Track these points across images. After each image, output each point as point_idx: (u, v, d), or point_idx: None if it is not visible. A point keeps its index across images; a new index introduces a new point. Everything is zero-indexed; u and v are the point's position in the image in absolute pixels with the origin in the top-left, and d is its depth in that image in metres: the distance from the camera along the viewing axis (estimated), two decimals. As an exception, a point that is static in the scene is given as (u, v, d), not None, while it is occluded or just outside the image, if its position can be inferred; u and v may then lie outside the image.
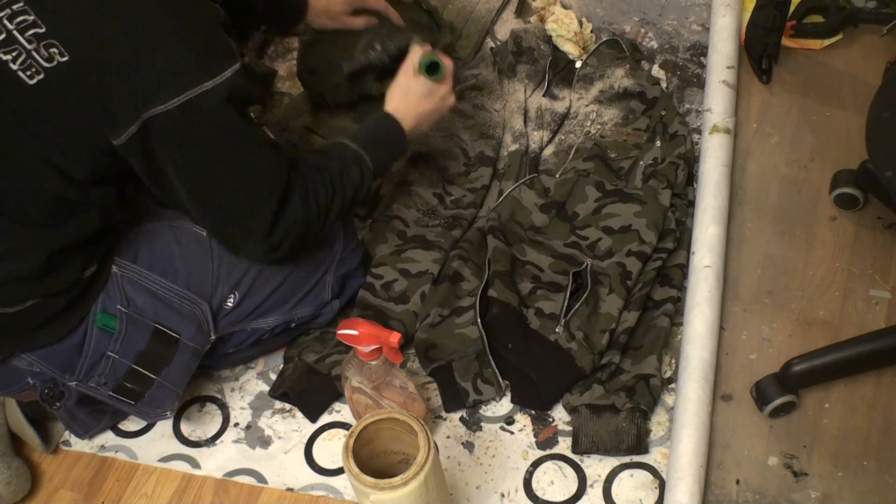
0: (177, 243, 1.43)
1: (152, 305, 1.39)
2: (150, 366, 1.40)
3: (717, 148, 1.72)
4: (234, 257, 1.42)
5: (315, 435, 1.53)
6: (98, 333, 1.36)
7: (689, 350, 1.48)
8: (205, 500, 1.48)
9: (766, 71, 1.89)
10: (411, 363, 1.59)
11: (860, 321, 1.54)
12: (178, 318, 1.41)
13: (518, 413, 1.51)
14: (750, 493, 1.39)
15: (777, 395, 1.43)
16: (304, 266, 1.51)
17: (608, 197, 1.66)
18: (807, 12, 1.95)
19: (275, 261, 1.41)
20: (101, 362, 1.37)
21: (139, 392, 1.42)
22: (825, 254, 1.63)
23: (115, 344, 1.37)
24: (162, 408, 1.45)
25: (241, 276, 1.46)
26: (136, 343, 1.38)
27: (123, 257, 1.38)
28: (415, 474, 1.19)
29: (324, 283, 1.54)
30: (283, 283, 1.50)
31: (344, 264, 1.56)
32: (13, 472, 1.47)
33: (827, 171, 1.72)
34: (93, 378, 1.38)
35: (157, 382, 1.42)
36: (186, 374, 1.46)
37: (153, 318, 1.39)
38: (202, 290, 1.43)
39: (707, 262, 1.56)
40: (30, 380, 1.39)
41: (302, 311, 1.54)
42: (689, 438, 1.37)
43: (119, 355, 1.38)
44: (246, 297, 1.47)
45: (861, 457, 1.41)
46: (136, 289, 1.38)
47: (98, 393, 1.40)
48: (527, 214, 1.67)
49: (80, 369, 1.37)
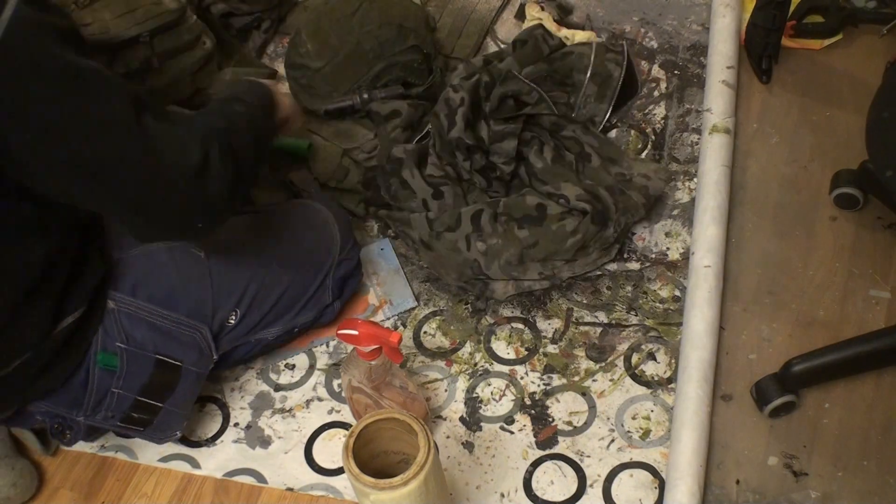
0: (175, 268, 1.40)
1: (152, 338, 1.37)
2: (155, 395, 1.40)
3: (717, 148, 1.72)
4: (233, 275, 1.41)
5: (315, 435, 1.53)
6: (100, 372, 1.35)
7: (689, 350, 1.48)
8: (205, 500, 1.48)
9: (766, 71, 1.89)
10: (411, 363, 1.59)
11: (860, 321, 1.54)
12: (179, 346, 1.40)
13: (518, 413, 1.51)
14: (750, 493, 1.39)
15: (777, 395, 1.43)
16: (303, 274, 1.51)
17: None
18: (807, 12, 1.95)
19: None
20: (107, 398, 1.37)
21: (147, 420, 1.42)
22: (825, 254, 1.63)
23: (118, 381, 1.36)
24: (171, 430, 1.46)
25: (242, 293, 1.45)
26: (139, 377, 1.37)
27: (120, 290, 1.35)
28: (415, 474, 1.19)
29: (325, 288, 1.55)
30: (284, 294, 1.49)
31: (342, 266, 1.57)
32: (18, 473, 1.47)
33: (827, 171, 1.72)
34: (100, 412, 1.38)
35: (164, 409, 1.42)
36: (192, 397, 1.46)
37: (153, 350, 1.38)
38: (202, 315, 1.42)
39: (707, 263, 1.56)
40: (38, 417, 1.39)
41: (304, 317, 1.54)
42: (689, 438, 1.38)
43: (123, 390, 1.37)
44: (248, 314, 1.47)
45: (861, 457, 1.41)
46: (135, 322, 1.36)
47: (106, 425, 1.41)
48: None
49: (86, 406, 1.37)
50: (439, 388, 1.56)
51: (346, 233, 1.60)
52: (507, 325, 1.62)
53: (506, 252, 1.57)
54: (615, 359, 1.56)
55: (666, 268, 1.65)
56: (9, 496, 1.46)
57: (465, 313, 1.65)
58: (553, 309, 1.63)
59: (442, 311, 1.66)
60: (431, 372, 1.58)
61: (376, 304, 1.67)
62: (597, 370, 1.55)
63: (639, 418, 1.49)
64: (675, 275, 1.64)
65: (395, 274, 1.70)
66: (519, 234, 1.57)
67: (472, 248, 1.58)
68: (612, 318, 1.61)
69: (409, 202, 1.66)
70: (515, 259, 1.57)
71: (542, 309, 1.63)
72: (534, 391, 1.54)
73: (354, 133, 1.82)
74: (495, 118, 1.73)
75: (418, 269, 1.71)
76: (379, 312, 1.66)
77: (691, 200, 1.72)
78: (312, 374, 1.61)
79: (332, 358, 1.62)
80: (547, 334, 1.60)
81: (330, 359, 1.62)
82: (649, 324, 1.59)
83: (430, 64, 1.86)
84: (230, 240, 1.47)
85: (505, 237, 1.57)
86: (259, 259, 1.48)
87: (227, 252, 1.46)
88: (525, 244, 1.56)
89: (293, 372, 1.61)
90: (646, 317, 1.60)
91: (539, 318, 1.62)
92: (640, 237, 1.70)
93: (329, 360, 1.62)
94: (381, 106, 1.78)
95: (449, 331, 1.63)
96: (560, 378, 1.55)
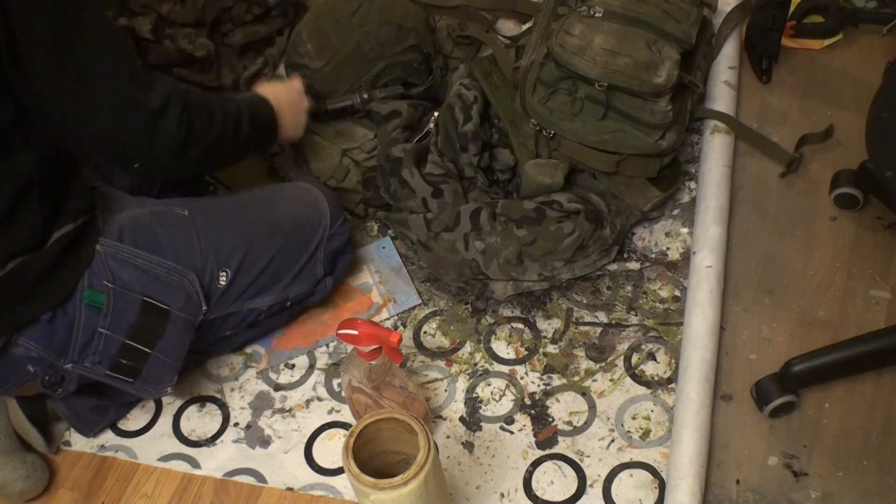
0: (159, 222, 1.45)
1: (139, 279, 1.40)
2: (144, 340, 1.41)
3: (718, 148, 1.72)
4: (219, 233, 1.47)
5: (315, 435, 1.53)
6: (86, 310, 1.37)
7: (689, 350, 1.48)
8: (205, 500, 1.48)
9: (766, 71, 1.89)
10: (411, 363, 1.59)
11: (860, 321, 1.54)
12: (166, 290, 1.42)
13: (518, 413, 1.51)
14: (750, 493, 1.39)
15: (777, 395, 1.43)
16: (293, 243, 1.55)
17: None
18: (807, 12, 1.94)
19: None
20: (94, 340, 1.38)
21: (136, 368, 1.42)
22: (825, 254, 1.63)
23: (105, 320, 1.38)
24: (162, 383, 1.46)
25: (230, 252, 1.48)
26: (125, 317, 1.39)
27: (107, 236, 1.40)
28: (415, 474, 1.19)
29: (315, 260, 1.57)
30: (274, 260, 1.52)
31: (333, 241, 1.60)
32: (29, 466, 1.48)
33: (827, 171, 1.72)
34: (87, 357, 1.39)
35: (153, 356, 1.43)
36: (182, 347, 1.47)
37: (140, 291, 1.40)
38: (189, 263, 1.45)
39: (708, 263, 1.56)
40: (30, 367, 1.39)
41: (296, 289, 1.56)
42: (690, 438, 1.38)
43: (110, 331, 1.38)
44: (237, 276, 1.49)
45: (861, 457, 1.41)
46: (122, 265, 1.39)
47: (95, 373, 1.41)
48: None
49: (73, 349, 1.38)
50: (439, 388, 1.56)
51: (336, 208, 1.63)
52: (507, 325, 1.62)
53: (504, 250, 1.57)
54: (615, 359, 1.56)
55: (666, 268, 1.65)
56: (23, 490, 1.47)
57: (465, 313, 1.65)
58: (553, 309, 1.63)
59: (442, 311, 1.66)
60: (431, 372, 1.58)
61: (380, 302, 1.67)
62: (597, 370, 1.55)
63: (639, 418, 1.49)
64: (675, 275, 1.64)
65: (398, 272, 1.70)
66: (517, 233, 1.57)
67: (470, 247, 1.58)
68: (612, 318, 1.61)
69: (408, 201, 1.66)
70: (514, 258, 1.57)
71: (542, 309, 1.63)
72: (534, 391, 1.54)
73: (354, 133, 1.82)
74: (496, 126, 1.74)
75: (418, 269, 1.71)
76: (383, 311, 1.66)
77: (691, 201, 1.72)
78: (312, 374, 1.61)
79: (331, 358, 1.62)
80: (547, 334, 1.60)
81: (330, 359, 1.62)
82: (649, 324, 1.59)
83: (429, 64, 1.86)
84: (216, 203, 1.59)
85: (503, 235, 1.57)
86: (246, 223, 1.53)
87: (211, 213, 1.52)
88: (523, 242, 1.56)
89: (293, 372, 1.61)
90: (646, 317, 1.60)
91: (539, 318, 1.62)
92: (640, 237, 1.70)
93: (329, 360, 1.62)
94: (381, 106, 1.78)
95: (449, 331, 1.63)
96: (560, 378, 1.55)
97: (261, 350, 1.64)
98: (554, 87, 1.61)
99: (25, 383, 1.42)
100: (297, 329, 1.66)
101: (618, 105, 1.58)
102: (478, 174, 1.69)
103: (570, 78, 1.59)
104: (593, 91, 1.57)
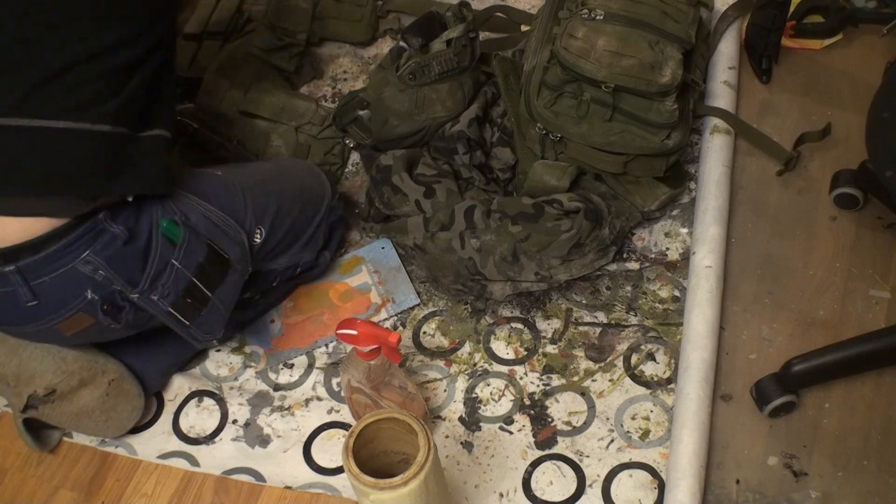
0: (207, 180, 1.51)
1: (205, 225, 1.44)
2: (207, 283, 1.43)
3: (717, 149, 1.72)
4: (257, 191, 1.53)
5: (314, 434, 1.53)
6: (163, 241, 1.38)
7: (689, 350, 1.48)
8: (205, 499, 1.48)
9: (766, 71, 1.89)
10: (410, 363, 1.59)
11: (860, 321, 1.54)
12: (226, 240, 1.46)
13: (517, 413, 1.51)
14: (750, 493, 1.39)
15: (777, 395, 1.43)
16: (308, 210, 1.62)
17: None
18: (807, 12, 1.94)
19: None
20: (166, 271, 1.39)
21: (196, 310, 1.43)
22: (825, 254, 1.63)
23: (179, 252, 1.39)
24: (212, 333, 1.48)
25: (264, 209, 1.53)
26: (196, 255, 1.41)
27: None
28: (415, 474, 1.19)
29: (321, 230, 1.64)
30: (296, 222, 1.59)
31: (333, 213, 1.67)
32: (138, 395, 1.54)
33: (827, 171, 1.72)
34: (156, 289, 1.39)
35: (213, 301, 1.44)
36: (233, 301, 1.50)
37: (206, 235, 1.43)
38: (240, 218, 1.49)
39: (708, 263, 1.56)
40: (89, 292, 1.36)
41: (307, 255, 1.63)
42: (690, 438, 1.38)
43: (182, 265, 1.40)
44: (269, 235, 1.54)
45: (861, 457, 1.41)
46: (189, 208, 1.43)
47: (158, 308, 1.40)
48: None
49: (145, 279, 1.37)
50: (438, 388, 1.56)
51: (333, 184, 1.70)
52: (506, 325, 1.62)
53: (499, 247, 1.57)
54: (614, 359, 1.56)
55: (665, 268, 1.65)
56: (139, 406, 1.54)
57: (465, 313, 1.65)
58: (552, 309, 1.63)
59: (441, 311, 1.66)
60: (431, 372, 1.58)
61: (379, 302, 1.67)
62: (596, 370, 1.55)
63: (638, 418, 1.49)
64: (674, 275, 1.64)
65: (397, 272, 1.70)
66: (512, 230, 1.57)
67: (466, 245, 1.58)
68: (612, 318, 1.61)
69: (402, 207, 1.66)
70: (509, 255, 1.56)
71: (541, 309, 1.63)
72: (533, 391, 1.54)
73: (296, 107, 1.82)
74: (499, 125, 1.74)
75: (417, 269, 1.71)
76: (381, 311, 1.66)
77: (691, 201, 1.72)
78: (311, 374, 1.61)
79: (331, 358, 1.62)
80: (546, 334, 1.60)
81: (329, 358, 1.62)
82: (649, 324, 1.59)
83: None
84: (242, 168, 1.67)
85: (497, 232, 1.57)
86: (274, 185, 1.60)
87: (243, 175, 1.58)
88: (518, 238, 1.56)
89: (292, 371, 1.61)
90: (645, 317, 1.60)
91: (538, 318, 1.62)
92: (640, 237, 1.70)
93: (328, 360, 1.62)
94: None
95: (448, 331, 1.63)
96: (559, 378, 1.55)
97: (260, 350, 1.64)
98: (559, 90, 1.61)
99: (76, 313, 1.37)
100: (296, 329, 1.66)
101: (624, 106, 1.58)
102: (474, 173, 1.69)
103: (576, 81, 1.59)
104: (599, 93, 1.57)
